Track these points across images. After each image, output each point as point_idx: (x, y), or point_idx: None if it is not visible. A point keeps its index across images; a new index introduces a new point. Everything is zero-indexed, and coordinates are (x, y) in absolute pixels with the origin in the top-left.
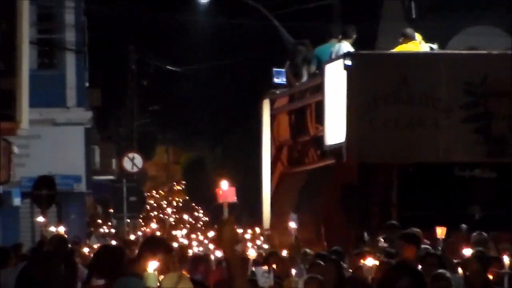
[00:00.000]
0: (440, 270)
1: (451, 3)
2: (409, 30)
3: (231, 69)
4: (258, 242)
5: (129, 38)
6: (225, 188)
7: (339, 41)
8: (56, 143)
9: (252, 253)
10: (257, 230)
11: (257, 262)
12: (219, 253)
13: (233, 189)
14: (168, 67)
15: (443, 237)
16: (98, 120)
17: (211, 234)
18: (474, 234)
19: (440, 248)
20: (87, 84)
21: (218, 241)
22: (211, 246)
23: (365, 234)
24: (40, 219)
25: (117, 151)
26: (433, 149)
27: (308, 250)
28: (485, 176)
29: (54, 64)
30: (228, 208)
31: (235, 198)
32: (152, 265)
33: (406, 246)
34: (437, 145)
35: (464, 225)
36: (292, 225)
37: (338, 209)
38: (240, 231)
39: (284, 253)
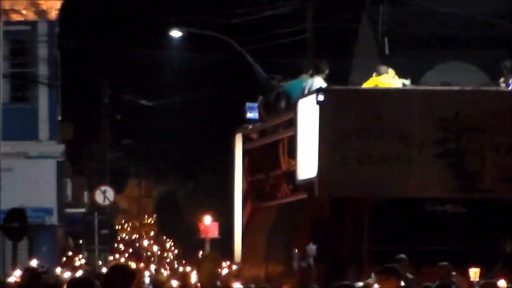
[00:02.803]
0: None
1: (424, 40)
2: (383, 68)
3: (204, 104)
4: None
5: (102, 72)
6: (207, 223)
7: (311, 76)
8: (28, 176)
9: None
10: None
11: None
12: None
13: (215, 224)
14: (141, 101)
15: (477, 279)
16: (71, 153)
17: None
18: None
19: None
20: (59, 118)
21: (197, 275)
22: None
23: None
24: (34, 262)
25: (89, 185)
26: (405, 184)
27: None
28: (456, 211)
29: (26, 97)
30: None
31: (217, 233)
32: None
33: (386, 279)
34: (409, 180)
35: None
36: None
37: (309, 244)
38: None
39: None
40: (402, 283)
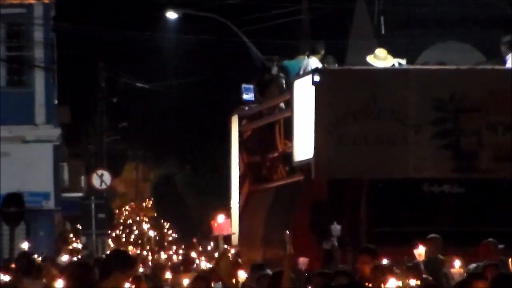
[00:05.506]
0: None
1: (420, 19)
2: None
3: (200, 86)
4: None
5: (98, 55)
6: (221, 221)
7: (308, 56)
8: (25, 160)
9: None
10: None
11: None
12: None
13: (228, 222)
14: (137, 84)
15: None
16: (67, 137)
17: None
18: None
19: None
20: (56, 102)
21: (217, 272)
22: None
23: None
24: (25, 245)
25: (86, 168)
26: (402, 165)
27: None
28: (454, 191)
29: (23, 81)
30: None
31: (231, 230)
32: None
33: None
34: (406, 161)
35: None
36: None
37: (307, 226)
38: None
39: None
40: (422, 267)
